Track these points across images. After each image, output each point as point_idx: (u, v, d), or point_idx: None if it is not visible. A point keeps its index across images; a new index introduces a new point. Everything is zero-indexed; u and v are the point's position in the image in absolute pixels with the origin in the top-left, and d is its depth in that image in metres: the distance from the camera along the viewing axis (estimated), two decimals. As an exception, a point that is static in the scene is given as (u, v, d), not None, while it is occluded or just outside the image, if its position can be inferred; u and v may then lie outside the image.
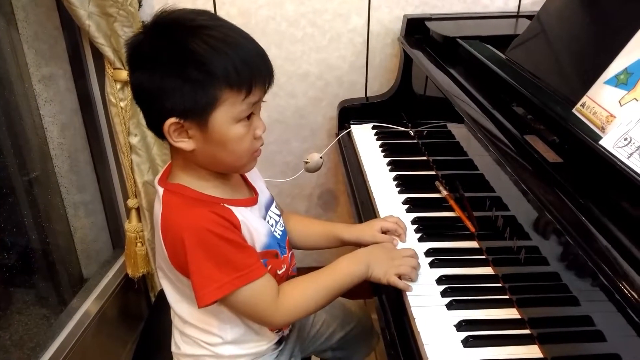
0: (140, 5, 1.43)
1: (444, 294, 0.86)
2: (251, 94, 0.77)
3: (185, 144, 0.80)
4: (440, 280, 0.89)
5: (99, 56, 1.44)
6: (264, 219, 0.92)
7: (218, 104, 0.76)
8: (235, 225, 0.82)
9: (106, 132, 1.59)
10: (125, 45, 0.84)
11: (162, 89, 0.76)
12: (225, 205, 0.83)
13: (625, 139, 0.69)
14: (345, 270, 0.90)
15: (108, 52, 1.36)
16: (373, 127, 1.49)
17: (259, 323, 0.90)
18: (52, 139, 1.53)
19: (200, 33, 0.75)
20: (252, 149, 0.84)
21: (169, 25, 0.77)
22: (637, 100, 0.72)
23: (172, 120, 0.77)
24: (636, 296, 0.55)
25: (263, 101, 0.83)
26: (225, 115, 0.77)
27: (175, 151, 0.83)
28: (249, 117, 0.80)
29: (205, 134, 0.78)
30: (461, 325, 0.79)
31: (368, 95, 1.65)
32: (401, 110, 1.52)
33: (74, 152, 1.59)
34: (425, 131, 1.36)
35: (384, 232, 1.00)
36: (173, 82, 0.75)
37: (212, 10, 1.52)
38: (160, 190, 0.84)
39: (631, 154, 0.67)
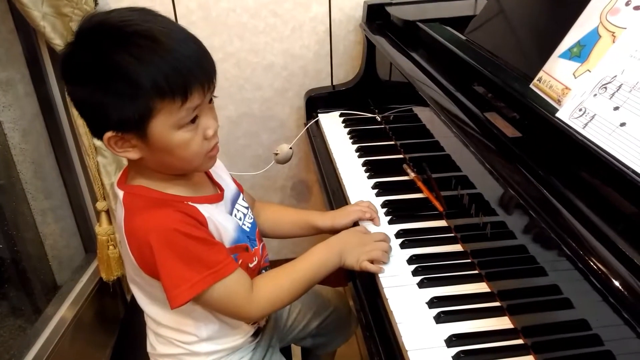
0: (96, 4, 1.40)
1: (415, 273, 0.87)
2: (188, 100, 0.73)
3: (130, 153, 0.77)
4: (411, 260, 0.90)
5: (57, 58, 1.41)
6: (231, 214, 0.90)
7: (153, 114, 0.73)
8: (201, 222, 0.80)
9: (70, 135, 1.57)
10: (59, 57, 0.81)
11: (93, 104, 0.74)
12: (189, 203, 0.81)
13: (580, 110, 0.71)
14: (318, 260, 0.90)
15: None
16: (340, 115, 1.50)
17: (235, 318, 0.90)
18: (14, 146, 1.49)
19: (125, 42, 0.71)
20: (203, 151, 0.80)
21: (93, 34, 0.73)
22: (590, 72, 0.73)
23: (110, 134, 0.75)
24: (599, 264, 0.57)
25: (215, 96, 0.80)
26: (164, 124, 0.74)
27: None
28: (194, 120, 0.76)
29: (148, 144, 0.76)
30: (433, 302, 0.80)
31: (334, 83, 1.66)
32: (367, 97, 1.53)
33: (38, 157, 1.56)
34: (392, 116, 1.37)
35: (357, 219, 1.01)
36: (101, 96, 0.72)
37: (171, 5, 1.50)
38: (120, 193, 0.82)
39: (586, 124, 0.69)
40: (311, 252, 0.91)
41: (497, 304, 0.80)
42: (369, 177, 1.18)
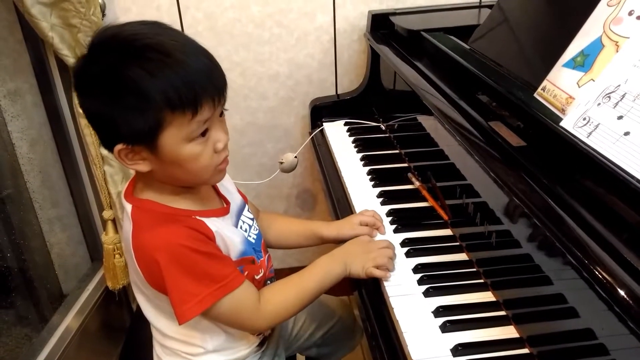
0: (104, 15, 1.42)
1: (420, 282, 0.87)
2: (198, 113, 0.73)
3: (141, 165, 0.78)
4: (416, 269, 0.90)
5: (64, 68, 1.43)
6: (236, 226, 0.91)
7: (163, 127, 0.73)
8: (209, 236, 0.81)
9: (77, 144, 1.58)
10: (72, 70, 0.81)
11: (103, 116, 0.74)
12: (197, 217, 0.82)
13: (584, 119, 0.71)
14: (323, 271, 0.91)
15: (73, 63, 1.34)
16: (345, 124, 1.50)
17: (243, 330, 0.90)
18: (22, 155, 1.51)
19: (136, 55, 0.71)
20: (213, 164, 0.80)
21: (105, 48, 0.73)
22: (593, 81, 0.74)
23: (120, 146, 0.75)
24: (604, 273, 0.57)
25: (225, 109, 0.80)
26: (175, 137, 0.74)
27: None
28: (204, 133, 0.77)
29: (158, 156, 0.76)
30: (438, 312, 0.80)
31: (338, 92, 1.66)
32: (372, 106, 1.54)
33: (45, 166, 1.57)
34: (396, 125, 1.37)
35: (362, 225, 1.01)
36: (112, 110, 0.73)
37: (177, 15, 1.51)
38: (129, 206, 0.82)
39: (590, 133, 0.69)
40: (316, 264, 0.92)
41: (502, 313, 0.80)
42: (374, 186, 1.18)
